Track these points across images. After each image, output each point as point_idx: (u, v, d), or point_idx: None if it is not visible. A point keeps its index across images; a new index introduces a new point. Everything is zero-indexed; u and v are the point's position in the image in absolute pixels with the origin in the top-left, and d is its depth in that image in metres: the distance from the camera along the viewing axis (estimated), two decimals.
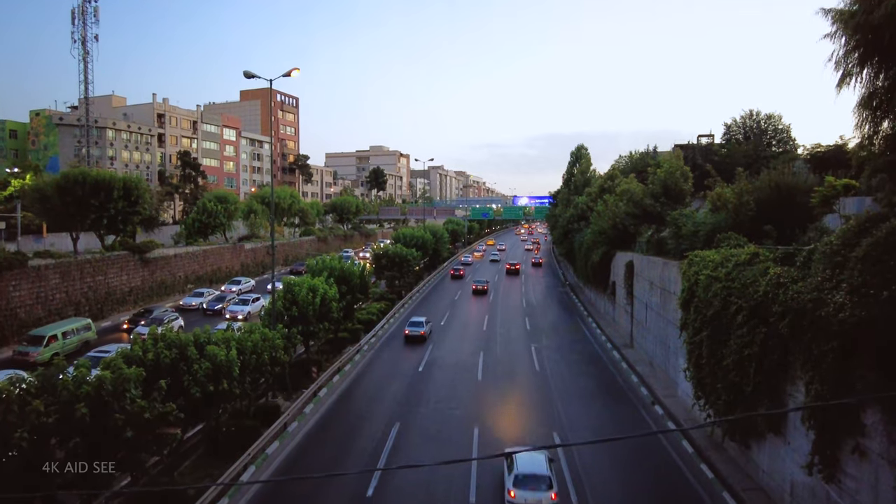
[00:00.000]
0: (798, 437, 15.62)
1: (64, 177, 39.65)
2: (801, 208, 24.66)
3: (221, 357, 15.92)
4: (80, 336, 31.65)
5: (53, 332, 29.96)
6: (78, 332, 31.65)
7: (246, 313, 39.76)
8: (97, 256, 39.71)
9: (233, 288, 50.06)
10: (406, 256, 47.43)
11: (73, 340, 31.01)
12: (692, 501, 17.37)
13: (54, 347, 29.29)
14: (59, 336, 30.03)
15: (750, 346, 17.10)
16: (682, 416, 23.62)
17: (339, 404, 24.52)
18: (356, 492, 16.99)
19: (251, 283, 52.72)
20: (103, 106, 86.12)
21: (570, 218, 55.44)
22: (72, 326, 31.53)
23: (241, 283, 51.36)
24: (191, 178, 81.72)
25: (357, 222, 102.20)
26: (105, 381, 11.60)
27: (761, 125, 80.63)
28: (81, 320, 32.93)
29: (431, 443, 20.72)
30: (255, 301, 42.50)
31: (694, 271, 22.15)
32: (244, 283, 51.95)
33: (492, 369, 30.09)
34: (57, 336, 29.92)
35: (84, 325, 32.58)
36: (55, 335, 29.86)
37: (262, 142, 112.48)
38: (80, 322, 32.47)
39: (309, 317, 24.58)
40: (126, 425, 11.44)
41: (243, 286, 51.10)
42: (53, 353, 28.45)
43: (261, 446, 19.31)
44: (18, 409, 10.86)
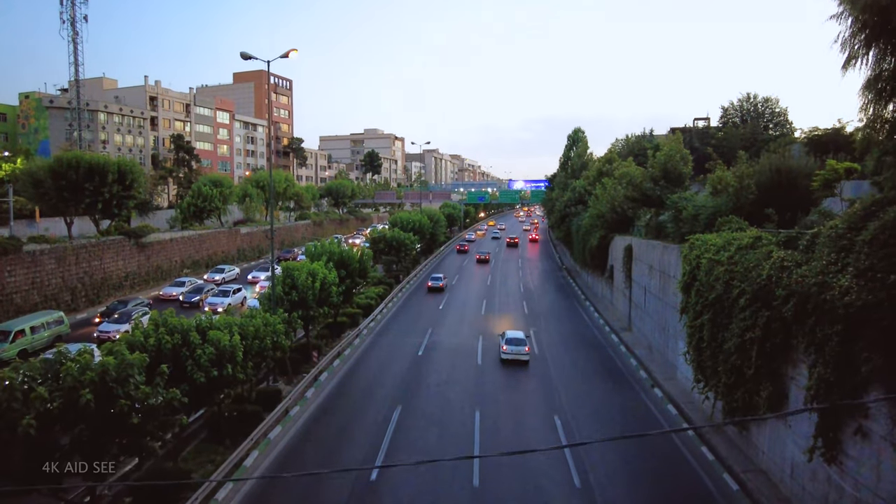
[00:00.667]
0: (799, 420, 15.73)
1: (58, 161, 39.12)
2: (802, 192, 24.65)
3: (225, 342, 15.83)
4: (51, 330, 29.61)
5: (21, 327, 27.92)
6: (49, 327, 29.57)
7: (225, 306, 36.23)
8: (93, 241, 39.38)
9: (216, 277, 47.34)
10: (404, 241, 47.28)
11: (42, 335, 28.94)
12: (693, 482, 17.54)
13: (21, 343, 27.50)
14: (26, 331, 28.01)
15: (752, 330, 17.14)
16: (682, 399, 23.78)
17: (341, 388, 24.55)
18: (360, 475, 17.06)
19: (235, 272, 49.96)
20: (94, 89, 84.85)
21: (567, 202, 55.33)
22: (42, 320, 29.33)
23: (224, 272, 48.46)
24: (184, 162, 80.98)
25: (352, 206, 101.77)
26: (109, 367, 11.50)
27: (758, 108, 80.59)
28: (53, 313, 30.73)
29: (434, 427, 20.78)
30: (236, 293, 39.99)
31: (695, 255, 22.14)
32: (228, 271, 49.04)
33: (490, 351, 30.18)
34: (25, 331, 27.93)
35: (56, 318, 30.40)
36: (23, 330, 27.86)
37: (256, 125, 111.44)
38: (51, 315, 30.28)
39: (309, 301, 24.49)
40: (131, 411, 11.38)
41: (227, 275, 48.38)
42: (21, 349, 27.06)
43: (263, 431, 19.33)
44: (22, 396, 10.77)
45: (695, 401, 23.18)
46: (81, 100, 72.69)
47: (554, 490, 16.62)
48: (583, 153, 70.93)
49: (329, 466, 17.78)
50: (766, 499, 16.27)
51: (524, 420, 21.62)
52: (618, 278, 39.14)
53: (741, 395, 18.07)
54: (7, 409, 10.54)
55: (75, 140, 72.78)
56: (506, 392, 24.67)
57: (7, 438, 10.53)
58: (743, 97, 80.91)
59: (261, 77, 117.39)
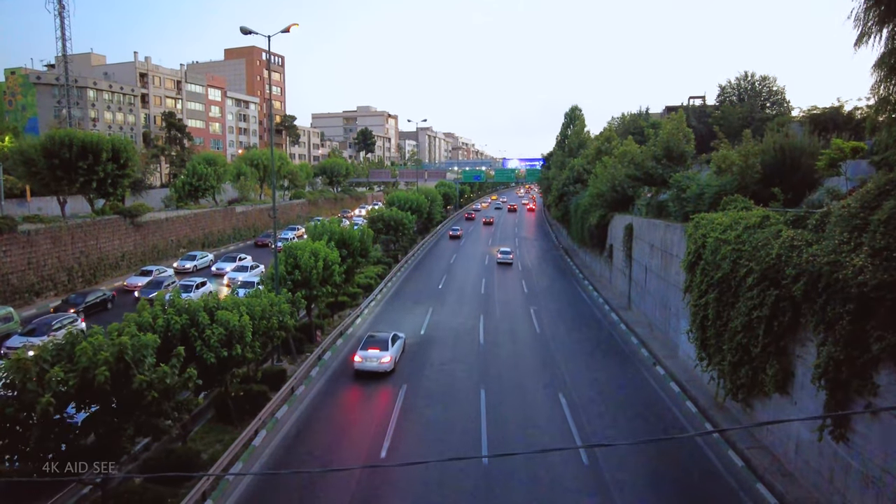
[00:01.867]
0: (805, 397, 15.92)
1: (50, 139, 38.39)
2: (805, 171, 24.64)
3: (234, 322, 15.73)
4: None
5: None
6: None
7: None
8: (88, 221, 38.90)
9: (187, 264, 43.15)
10: (402, 220, 47.07)
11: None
12: (698, 459, 17.77)
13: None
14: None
15: (759, 309, 17.22)
16: (684, 377, 23.99)
17: (346, 366, 24.56)
18: (371, 452, 17.16)
19: (209, 258, 45.70)
20: (82, 64, 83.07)
21: (565, 180, 55.16)
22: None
23: (196, 259, 44.11)
24: (176, 140, 79.88)
25: (347, 185, 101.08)
26: (126, 347, 11.38)
27: (756, 87, 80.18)
28: (1, 309, 28.14)
29: (438, 403, 20.87)
30: (200, 286, 35.08)
31: (701, 234, 22.14)
32: (200, 258, 44.62)
33: (492, 332, 30.28)
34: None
35: (4, 314, 27.83)
36: None
37: (248, 102, 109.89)
38: None
39: (312, 281, 24.37)
40: (149, 390, 11.28)
41: (199, 262, 44.10)
42: None
43: (270, 410, 19.34)
44: (37, 376, 10.65)
45: (697, 378, 23.41)
46: (70, 76, 71.24)
47: (563, 469, 16.78)
48: (580, 131, 70.58)
49: (338, 444, 17.86)
50: (771, 474, 16.50)
51: (529, 398, 21.76)
52: (617, 257, 39.22)
53: (746, 372, 18.25)
54: (22, 389, 10.43)
55: (64, 118, 71.50)
56: (509, 370, 24.78)
57: (23, 419, 10.43)
58: (741, 76, 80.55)
59: (252, 53, 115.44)
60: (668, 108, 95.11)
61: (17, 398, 10.52)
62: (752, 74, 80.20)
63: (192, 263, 43.71)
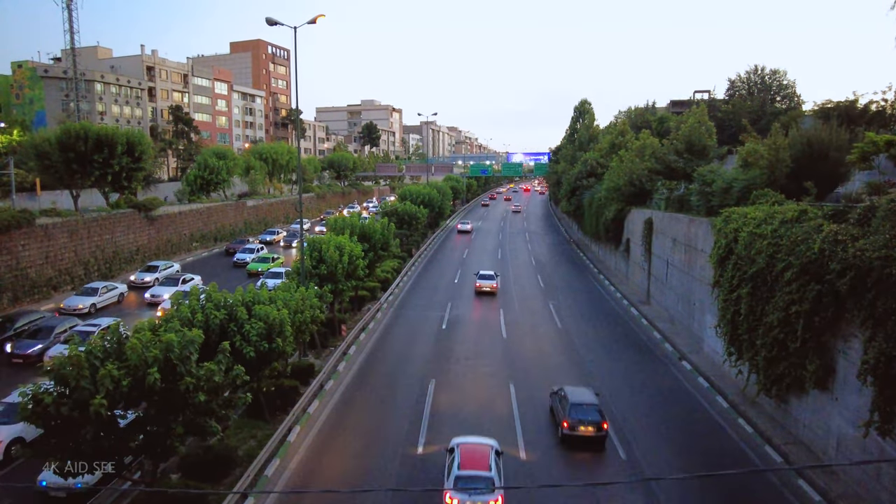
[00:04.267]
0: (847, 393, 15.76)
1: (65, 132, 38.15)
2: (833, 164, 24.39)
3: (274, 316, 15.58)
4: None
5: None
6: None
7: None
8: (104, 215, 38.72)
9: (146, 277, 36.61)
10: (415, 214, 46.88)
11: None
12: (736, 454, 17.65)
13: None
14: None
15: (799, 303, 17.03)
16: (711, 372, 23.85)
17: (370, 362, 24.44)
18: (406, 449, 17.04)
19: (174, 268, 39.06)
20: (88, 58, 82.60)
21: (578, 174, 54.83)
22: None
23: (158, 271, 37.58)
24: (183, 134, 79.53)
25: (354, 179, 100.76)
26: (173, 345, 11.22)
27: (766, 81, 79.56)
28: None
29: (470, 400, 20.75)
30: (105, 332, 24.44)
31: (732, 228, 21.93)
32: (163, 269, 38.03)
33: (513, 326, 30.15)
34: None
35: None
36: None
37: (255, 96, 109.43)
38: None
39: (338, 275, 24.21)
40: (197, 389, 11.13)
41: (162, 273, 37.51)
42: None
43: (302, 406, 19.23)
44: (90, 374, 10.50)
45: (725, 373, 23.27)
46: (77, 69, 70.85)
47: (599, 464, 16.66)
48: (590, 125, 70.19)
49: (373, 438, 17.74)
50: (811, 470, 16.37)
51: None
52: (635, 251, 39.00)
53: (784, 368, 18.08)
54: (76, 387, 10.28)
55: (72, 111, 71.16)
56: (535, 365, 24.65)
57: (77, 417, 10.28)
58: (750, 69, 79.94)
59: (258, 46, 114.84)
60: (674, 102, 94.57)
61: (70, 396, 10.37)
62: (762, 68, 79.65)
63: (153, 276, 36.99)
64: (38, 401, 10.14)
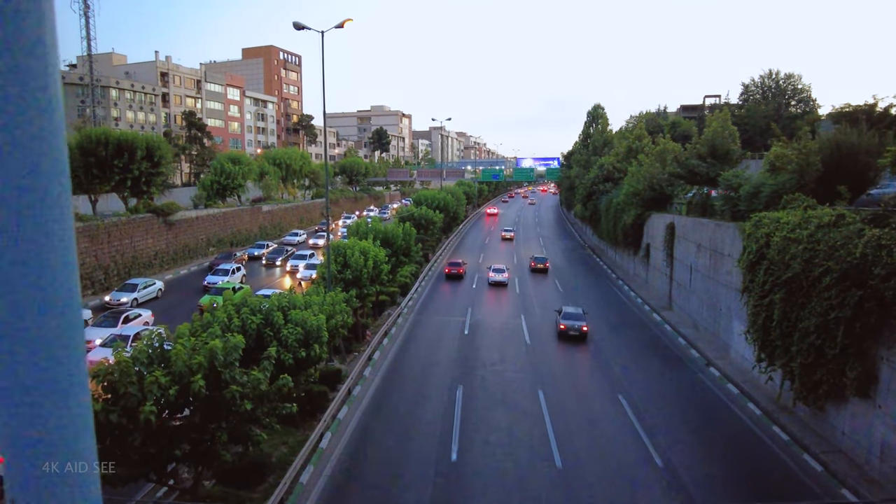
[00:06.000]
0: (892, 401, 15.46)
1: (86, 137, 38.39)
2: (862, 168, 24.12)
3: (312, 321, 15.46)
4: None
5: None
6: None
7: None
8: (123, 219, 38.88)
9: (122, 298, 31.73)
10: (432, 219, 46.83)
11: None
12: (774, 462, 17.35)
13: None
14: None
15: (839, 309, 16.75)
16: (740, 379, 23.55)
17: (396, 367, 24.28)
18: (441, 456, 16.86)
19: (156, 286, 34.46)
20: (103, 64, 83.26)
21: (594, 179, 54.61)
22: None
23: (136, 290, 32.69)
24: (196, 139, 79.92)
25: (365, 184, 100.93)
26: (217, 351, 11.11)
27: (780, 85, 79.10)
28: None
29: (499, 405, 20.56)
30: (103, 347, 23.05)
31: (763, 233, 21.66)
32: (143, 288, 33.22)
33: (536, 332, 29.93)
34: None
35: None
36: None
37: (266, 101, 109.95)
38: None
39: (363, 279, 24.12)
40: (243, 398, 11.01)
41: (142, 293, 32.86)
42: None
43: (332, 413, 19.10)
44: (137, 380, 10.41)
45: (754, 379, 22.95)
46: (93, 75, 71.41)
47: (637, 470, 16.42)
48: (604, 129, 69.97)
49: (405, 445, 17.58)
50: (854, 480, 16.06)
51: (589, 400, 21.40)
52: (656, 257, 38.70)
53: (822, 375, 17.78)
54: (124, 394, 10.19)
55: (88, 117, 71.69)
56: (562, 371, 24.44)
57: (125, 425, 10.19)
58: (764, 73, 79.59)
59: (270, 52, 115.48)
60: (684, 107, 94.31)
61: (117, 403, 10.28)
62: (776, 72, 79.25)
63: (132, 296, 31.99)
64: None
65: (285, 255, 47.87)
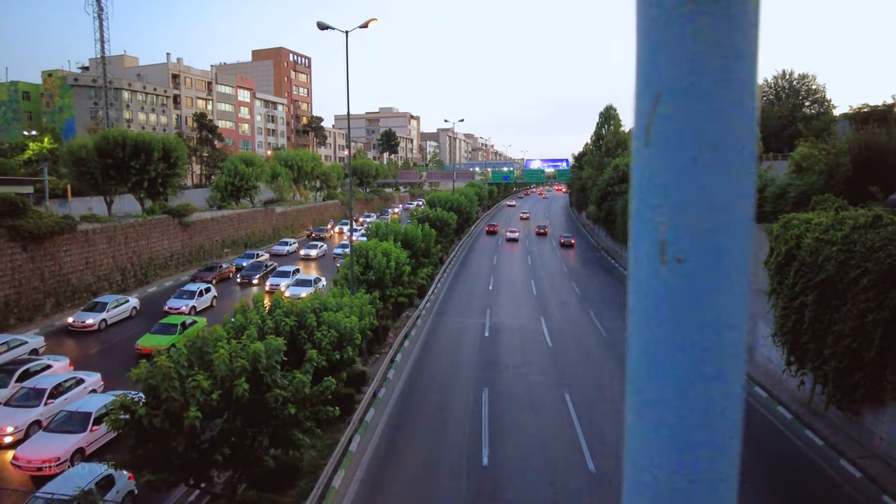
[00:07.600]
0: None
1: (104, 138, 38.47)
2: (890, 169, 23.79)
3: (345, 324, 15.32)
4: None
5: None
6: None
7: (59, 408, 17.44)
8: (140, 221, 38.91)
9: (87, 319, 27.71)
10: (447, 220, 46.64)
11: None
12: (809, 468, 17.07)
13: None
14: None
15: (877, 311, 16.48)
16: (767, 382, 23.30)
17: (419, 369, 24.11)
18: (472, 459, 16.68)
19: (129, 304, 30.34)
20: (116, 66, 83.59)
21: (608, 180, 54.30)
22: None
23: (105, 309, 28.53)
24: (208, 141, 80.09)
25: (376, 186, 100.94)
26: (260, 354, 10.97)
27: (794, 85, 78.39)
28: None
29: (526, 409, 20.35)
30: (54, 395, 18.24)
31: (793, 234, 21.37)
32: (114, 304, 29.26)
33: (557, 334, 29.71)
34: None
35: None
36: None
37: (276, 103, 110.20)
38: None
39: (386, 281, 23.98)
40: (286, 402, 10.85)
41: (111, 311, 28.72)
42: None
43: (360, 416, 18.95)
44: (180, 384, 10.28)
45: (782, 382, 22.65)
46: (106, 77, 71.71)
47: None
48: (616, 130, 69.63)
49: (435, 449, 17.41)
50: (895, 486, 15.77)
51: (617, 403, 21.16)
52: None
53: (858, 379, 17.49)
54: (167, 398, 10.05)
55: (101, 119, 71.98)
56: (587, 374, 24.22)
57: (168, 429, 10.04)
58: (778, 74, 78.95)
59: (280, 54, 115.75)
60: None
61: (159, 407, 10.14)
62: (789, 72, 78.58)
63: (100, 316, 27.91)
64: (132, 411, 9.92)
65: (264, 271, 40.12)
